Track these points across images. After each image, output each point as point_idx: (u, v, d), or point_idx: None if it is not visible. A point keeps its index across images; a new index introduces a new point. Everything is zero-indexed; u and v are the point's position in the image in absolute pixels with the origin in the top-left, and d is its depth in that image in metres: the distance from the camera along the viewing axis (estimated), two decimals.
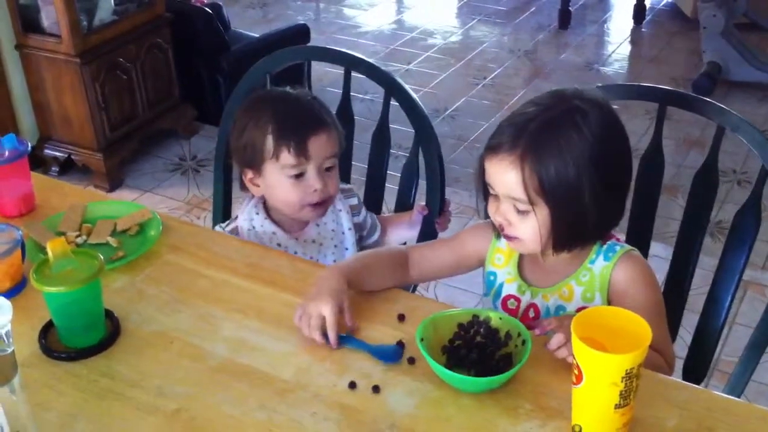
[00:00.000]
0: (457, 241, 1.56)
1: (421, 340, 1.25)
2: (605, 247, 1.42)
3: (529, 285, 1.47)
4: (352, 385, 1.24)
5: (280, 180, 1.63)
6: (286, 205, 1.67)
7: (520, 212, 1.34)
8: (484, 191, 1.42)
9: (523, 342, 1.25)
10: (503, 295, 1.50)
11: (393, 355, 1.30)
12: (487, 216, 1.44)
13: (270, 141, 1.61)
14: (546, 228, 1.34)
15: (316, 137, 1.61)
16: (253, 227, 1.72)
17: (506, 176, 1.32)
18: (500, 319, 1.30)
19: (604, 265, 1.41)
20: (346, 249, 1.73)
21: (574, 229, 1.35)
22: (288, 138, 1.60)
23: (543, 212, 1.32)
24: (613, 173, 1.34)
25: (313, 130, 1.61)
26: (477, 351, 1.26)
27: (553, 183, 1.29)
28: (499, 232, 1.42)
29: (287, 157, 1.60)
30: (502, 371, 1.21)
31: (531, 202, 1.31)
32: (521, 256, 1.48)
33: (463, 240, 1.56)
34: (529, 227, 1.34)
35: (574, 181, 1.29)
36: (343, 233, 1.73)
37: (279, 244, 1.69)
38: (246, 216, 1.73)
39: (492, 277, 1.52)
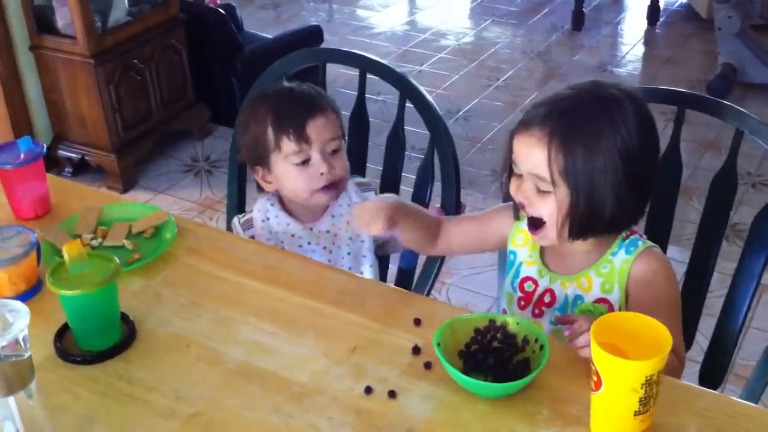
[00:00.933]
0: (484, 218, 1.60)
1: (438, 344, 1.24)
2: (628, 241, 1.42)
3: (549, 270, 1.47)
4: (368, 390, 1.24)
5: (286, 169, 1.66)
6: (296, 194, 1.69)
7: (540, 192, 1.35)
8: (509, 170, 1.42)
9: (541, 347, 1.24)
10: (521, 276, 1.51)
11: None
12: (508, 196, 1.45)
13: (270, 133, 1.65)
14: (563, 212, 1.34)
15: (313, 120, 1.64)
16: (268, 218, 1.73)
17: (532, 152, 1.33)
18: (517, 324, 1.29)
19: (624, 258, 1.41)
20: (362, 241, 1.73)
21: (590, 218, 1.34)
22: (286, 126, 1.63)
23: (562, 195, 1.33)
24: (639, 170, 1.34)
25: (310, 114, 1.64)
26: (494, 356, 1.25)
27: (577, 166, 1.30)
28: (519, 212, 1.44)
29: (288, 144, 1.63)
30: (520, 376, 1.21)
31: (553, 183, 1.32)
32: None
33: (490, 217, 1.59)
34: (547, 208, 1.36)
35: (598, 169, 1.30)
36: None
37: (293, 235, 1.70)
38: (260, 207, 1.75)
39: (512, 257, 1.53)
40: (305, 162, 1.65)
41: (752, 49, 4.36)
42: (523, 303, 1.51)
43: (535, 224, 1.40)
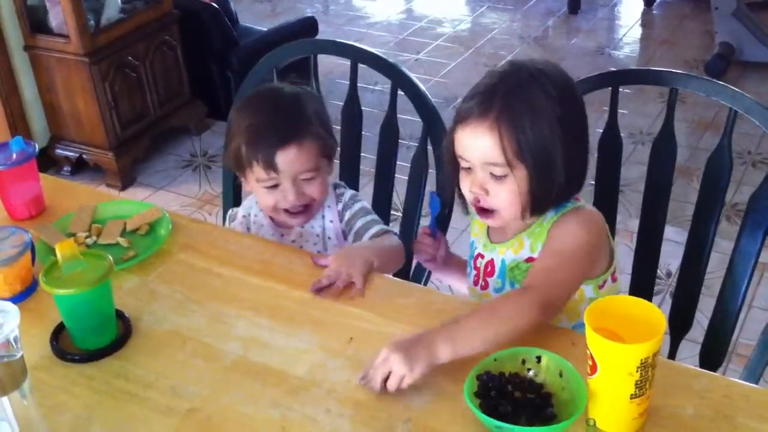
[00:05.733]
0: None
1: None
2: (561, 205, 1.43)
3: (492, 242, 1.50)
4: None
5: (256, 188, 1.62)
6: (265, 210, 1.67)
7: (497, 178, 1.35)
8: (454, 167, 1.43)
9: (560, 374, 1.17)
10: (474, 254, 1.54)
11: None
12: (460, 194, 1.45)
13: (243, 151, 1.59)
14: (524, 191, 1.35)
15: (283, 152, 1.55)
16: (250, 214, 1.73)
17: (482, 142, 1.34)
18: (494, 360, 1.20)
19: (550, 217, 1.42)
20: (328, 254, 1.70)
21: (547, 191, 1.36)
22: (256, 152, 1.56)
23: (520, 175, 1.34)
24: (577, 129, 1.38)
25: (282, 145, 1.55)
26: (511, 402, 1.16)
27: (530, 143, 1.32)
28: (469, 207, 1.44)
29: (257, 169, 1.58)
30: (543, 401, 1.15)
31: (509, 165, 1.33)
32: None
33: None
34: (507, 193, 1.36)
35: (547, 139, 1.33)
36: (329, 238, 1.69)
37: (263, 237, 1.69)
38: (247, 203, 1.75)
39: (472, 247, 1.57)
40: (275, 186, 1.59)
41: (749, 28, 4.34)
42: (475, 279, 1.54)
43: (486, 211, 1.40)
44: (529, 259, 1.43)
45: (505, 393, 1.16)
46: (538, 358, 1.19)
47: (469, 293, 1.58)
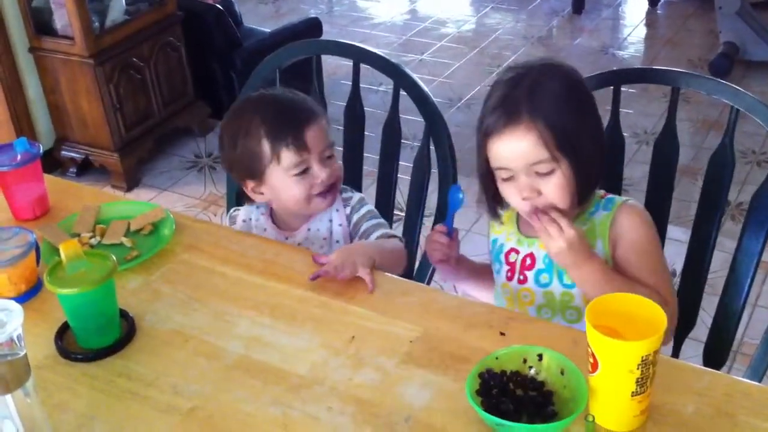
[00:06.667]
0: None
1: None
2: (604, 200, 1.47)
3: (528, 237, 1.51)
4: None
5: (284, 181, 1.60)
6: (295, 203, 1.63)
7: (543, 176, 1.38)
8: (489, 180, 1.45)
9: (562, 372, 1.17)
10: (505, 250, 1.55)
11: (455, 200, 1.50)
12: (491, 204, 1.49)
13: (266, 145, 1.57)
14: (571, 182, 1.38)
15: (310, 128, 1.58)
16: (250, 219, 1.73)
17: (523, 145, 1.36)
18: (496, 359, 1.19)
19: (604, 214, 1.45)
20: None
21: (589, 178, 1.41)
22: (284, 136, 1.57)
23: (565, 165, 1.37)
24: (593, 115, 1.42)
25: (307, 122, 1.58)
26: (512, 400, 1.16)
27: (567, 133, 1.36)
28: (503, 218, 1.50)
29: (288, 156, 1.57)
30: (544, 399, 1.16)
31: (554, 159, 1.36)
32: (519, 215, 1.52)
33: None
34: (558, 186, 1.38)
35: (578, 127, 1.37)
36: (336, 242, 1.69)
37: None
38: (248, 208, 1.74)
39: (495, 243, 1.58)
40: (304, 171, 1.60)
41: (753, 27, 4.33)
42: (509, 274, 1.54)
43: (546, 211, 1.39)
44: None
45: (507, 391, 1.16)
46: (540, 356, 1.19)
47: (501, 291, 1.57)
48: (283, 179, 1.60)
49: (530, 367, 1.19)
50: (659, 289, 1.40)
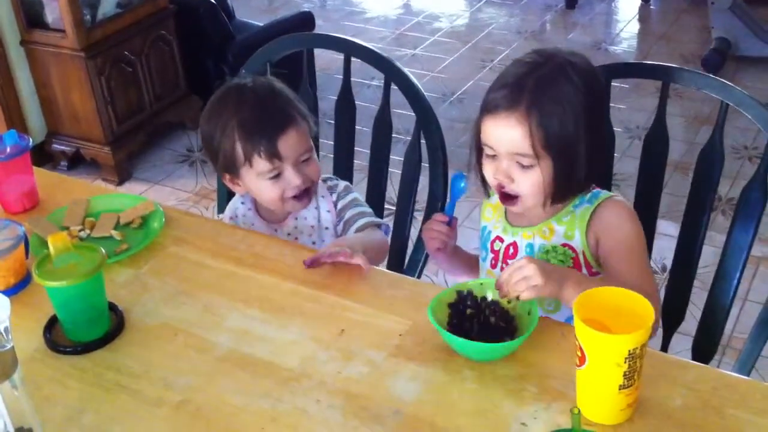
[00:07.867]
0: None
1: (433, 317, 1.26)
2: (589, 195, 1.47)
3: (512, 226, 1.52)
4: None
5: (258, 183, 1.60)
6: (270, 203, 1.64)
7: (523, 167, 1.38)
8: (478, 153, 1.45)
9: (529, 313, 1.28)
10: (491, 238, 1.56)
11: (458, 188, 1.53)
12: (482, 177, 1.48)
13: (239, 148, 1.57)
14: (548, 181, 1.38)
15: (285, 137, 1.56)
16: (237, 215, 1.72)
17: (511, 133, 1.36)
18: (480, 284, 1.32)
19: (585, 207, 1.45)
20: (323, 241, 1.70)
21: (572, 180, 1.40)
22: (257, 143, 1.55)
23: (546, 165, 1.37)
24: (597, 122, 1.41)
25: (281, 130, 1.55)
26: (477, 324, 1.29)
27: (557, 136, 1.35)
28: (491, 191, 1.48)
29: (260, 162, 1.56)
30: (508, 332, 1.26)
31: (536, 156, 1.36)
32: None
33: None
34: (532, 182, 1.39)
35: (573, 132, 1.36)
36: (326, 228, 1.70)
37: None
38: (232, 205, 1.74)
39: (484, 231, 1.59)
40: (278, 176, 1.59)
41: (745, 23, 4.34)
42: (493, 262, 1.55)
43: (510, 197, 1.43)
44: (565, 245, 1.45)
45: (481, 315, 1.28)
46: (517, 297, 1.27)
47: (482, 268, 1.60)
48: (256, 181, 1.60)
49: (509, 302, 1.28)
50: (642, 284, 1.39)
